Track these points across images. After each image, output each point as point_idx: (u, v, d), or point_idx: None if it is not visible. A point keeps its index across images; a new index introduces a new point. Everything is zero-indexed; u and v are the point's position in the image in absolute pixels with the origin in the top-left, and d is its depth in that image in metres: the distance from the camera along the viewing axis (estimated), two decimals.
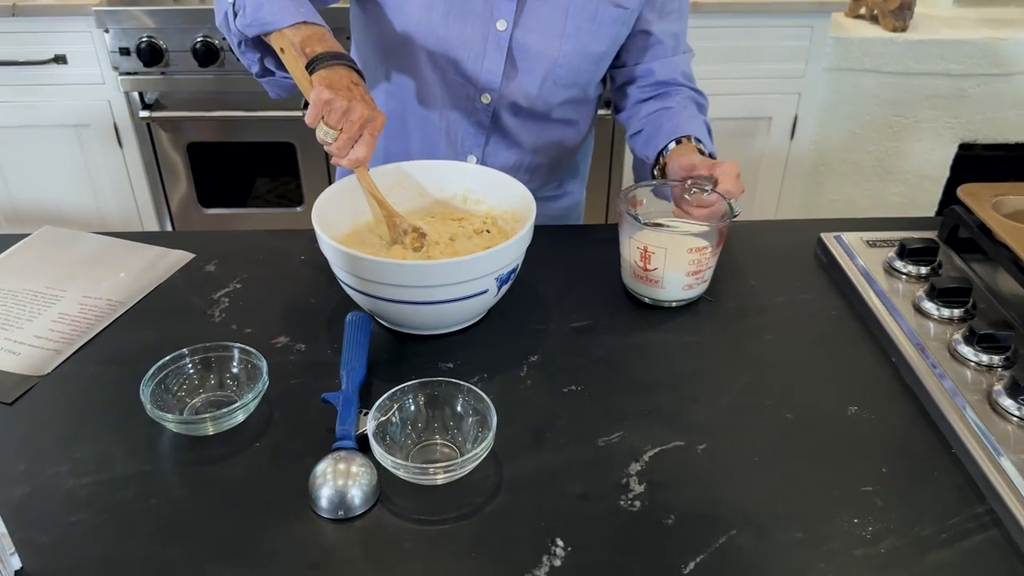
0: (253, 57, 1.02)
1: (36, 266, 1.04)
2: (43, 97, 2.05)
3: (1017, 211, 0.98)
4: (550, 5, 1.04)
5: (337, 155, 0.89)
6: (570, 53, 1.06)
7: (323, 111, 0.86)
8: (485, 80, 1.08)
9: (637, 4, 1.07)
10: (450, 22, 1.04)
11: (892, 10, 2.12)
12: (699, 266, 0.94)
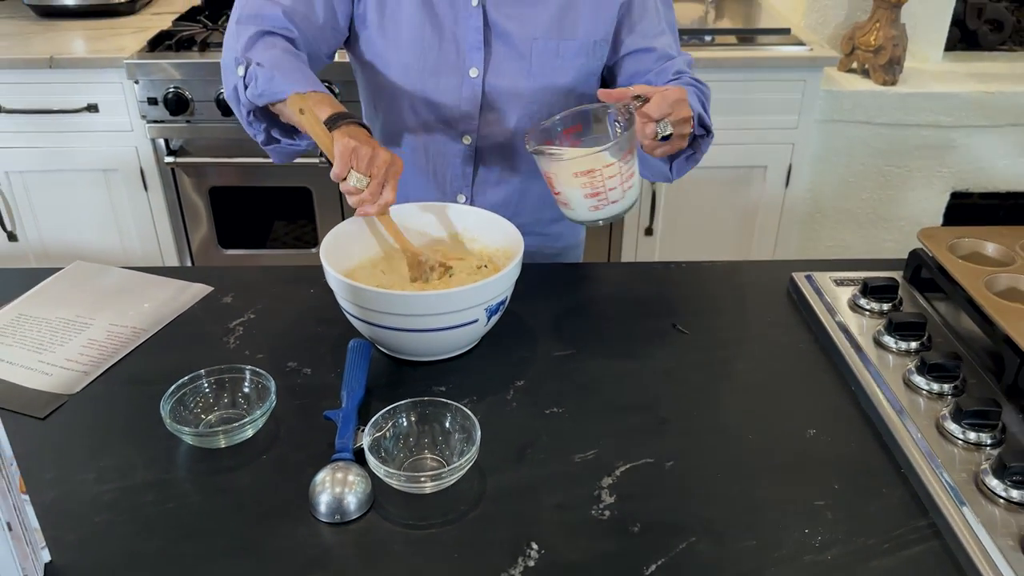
0: (260, 127, 1.12)
1: (68, 297, 1.14)
2: (75, 143, 2.17)
3: (972, 252, 1.06)
4: (515, 49, 1.14)
5: (369, 200, 0.97)
6: (538, 90, 1.15)
7: (351, 160, 0.95)
8: (464, 124, 1.18)
9: (601, 32, 1.15)
10: (427, 75, 1.14)
11: (882, 64, 2.22)
12: (594, 188, 0.99)
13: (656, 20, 1.18)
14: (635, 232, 2.33)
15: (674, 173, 1.13)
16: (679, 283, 1.19)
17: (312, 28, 1.13)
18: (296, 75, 1.04)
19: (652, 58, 1.16)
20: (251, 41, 1.09)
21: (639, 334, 1.07)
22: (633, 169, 1.00)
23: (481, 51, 1.14)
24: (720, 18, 2.43)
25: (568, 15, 1.14)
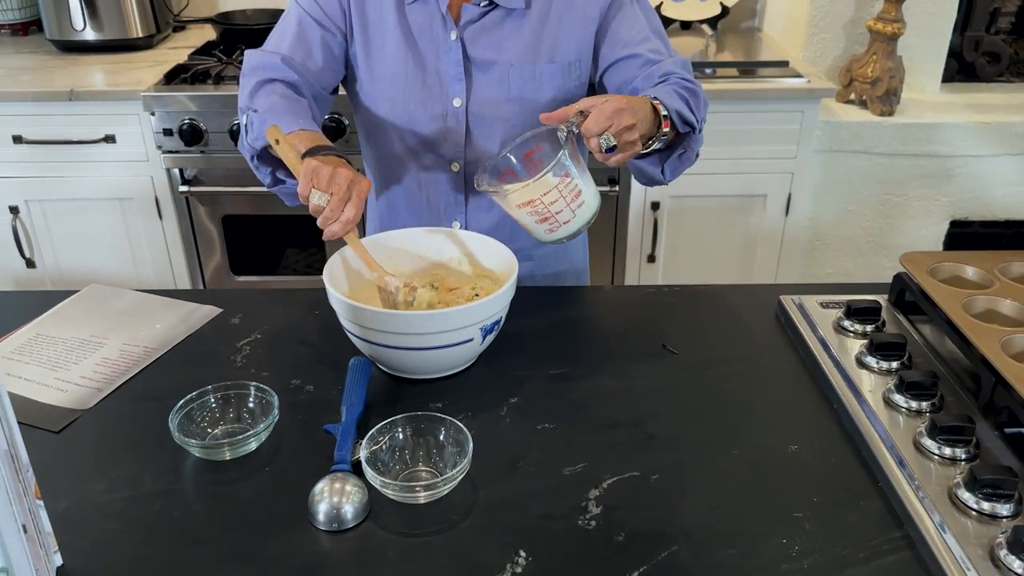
0: (266, 170, 1.18)
1: (83, 318, 1.19)
2: (92, 173, 2.24)
3: (953, 276, 1.09)
4: (493, 75, 1.19)
5: (331, 217, 1.00)
6: (519, 112, 1.20)
7: (312, 179, 1.00)
8: (452, 152, 1.23)
9: (575, 54, 1.20)
10: (413, 107, 1.20)
11: (879, 96, 2.26)
12: (541, 214, 1.03)
13: (638, 27, 1.21)
14: (638, 259, 2.37)
15: (667, 176, 1.16)
16: (671, 306, 1.23)
17: (312, 71, 1.21)
18: (287, 117, 1.11)
19: (637, 64, 1.19)
20: (254, 90, 1.17)
21: (631, 354, 1.10)
22: (578, 188, 1.03)
23: (463, 81, 1.20)
24: (721, 51, 2.49)
25: (542, 40, 1.19)
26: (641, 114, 1.03)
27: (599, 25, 1.21)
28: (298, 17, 1.22)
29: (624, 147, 1.00)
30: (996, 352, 0.92)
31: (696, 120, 1.12)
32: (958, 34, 2.53)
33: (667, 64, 1.18)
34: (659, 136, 1.07)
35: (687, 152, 1.14)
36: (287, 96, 1.16)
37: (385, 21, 1.20)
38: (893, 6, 2.22)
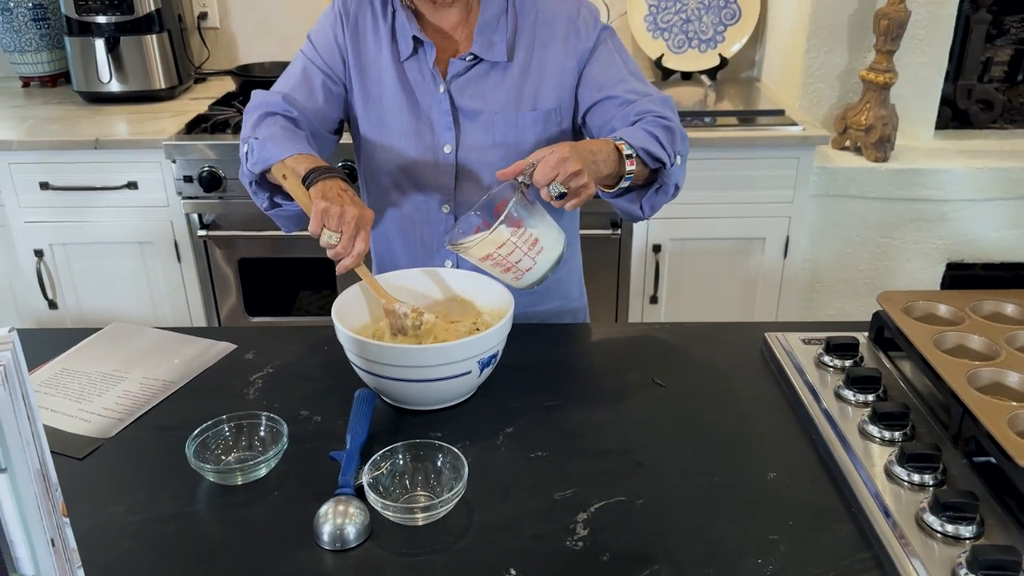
0: (263, 195, 1.27)
1: (106, 353, 1.26)
2: (115, 218, 2.34)
3: (927, 314, 1.15)
4: (479, 123, 1.28)
5: (342, 253, 1.09)
6: (504, 157, 1.28)
7: (323, 219, 1.08)
8: (443, 195, 1.32)
9: (554, 101, 1.29)
10: (409, 153, 1.29)
11: (873, 142, 2.34)
12: (502, 265, 1.09)
13: (614, 70, 1.29)
14: (641, 300, 2.43)
15: (646, 211, 1.22)
16: (662, 342, 1.29)
17: (312, 109, 1.31)
18: (286, 143, 1.20)
19: (615, 105, 1.26)
20: (256, 122, 1.26)
21: (621, 387, 1.16)
22: (534, 237, 1.08)
23: (452, 130, 1.29)
24: (721, 100, 2.58)
25: (524, 90, 1.28)
26: (599, 156, 1.09)
27: (578, 74, 1.29)
28: (303, 63, 1.33)
29: (576, 192, 1.06)
30: (962, 385, 0.97)
31: (668, 155, 1.17)
32: (951, 83, 2.61)
33: (643, 103, 1.24)
34: (626, 174, 1.13)
35: (664, 187, 1.20)
36: (286, 127, 1.26)
37: (383, 75, 1.30)
38: (884, 57, 2.30)
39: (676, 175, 1.21)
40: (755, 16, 2.66)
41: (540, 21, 1.29)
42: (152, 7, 2.52)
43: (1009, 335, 1.08)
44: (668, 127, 1.20)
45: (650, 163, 1.16)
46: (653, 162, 1.17)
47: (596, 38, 1.29)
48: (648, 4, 2.67)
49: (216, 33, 2.82)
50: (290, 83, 1.32)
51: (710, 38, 2.68)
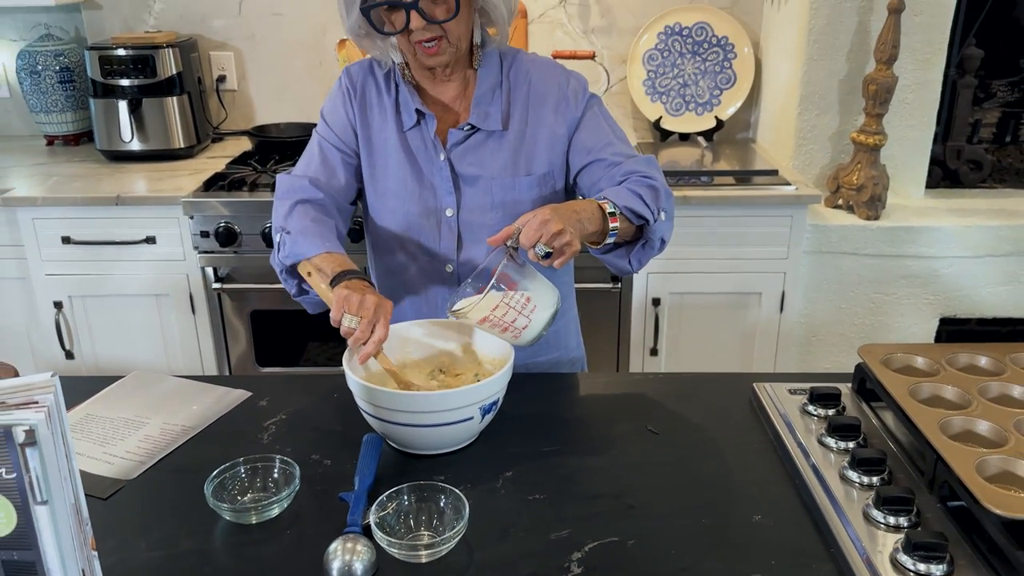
0: (292, 282, 1.35)
1: (128, 400, 1.33)
2: (132, 271, 2.42)
3: (905, 366, 1.22)
4: (479, 188, 1.37)
5: (361, 338, 1.16)
6: (502, 218, 1.36)
7: (344, 305, 1.16)
8: (445, 255, 1.40)
9: (547, 166, 1.37)
10: (412, 217, 1.38)
11: (864, 201, 2.42)
12: (499, 326, 1.16)
13: (601, 134, 1.37)
14: (641, 352, 2.50)
15: (634, 265, 1.29)
16: (655, 391, 1.35)
17: (336, 188, 1.40)
18: (316, 240, 1.29)
19: (602, 167, 1.35)
20: (288, 211, 1.35)
21: (616, 434, 1.23)
22: (526, 296, 1.15)
23: (453, 194, 1.37)
24: (717, 160, 2.67)
25: (520, 156, 1.37)
26: (584, 215, 1.17)
27: (568, 140, 1.38)
28: (319, 143, 1.43)
29: (561, 250, 1.12)
30: (935, 432, 1.03)
31: (651, 212, 1.24)
32: (940, 144, 2.71)
33: (628, 164, 1.32)
34: (609, 232, 1.21)
35: (649, 242, 1.27)
36: (317, 219, 1.34)
37: (388, 144, 1.39)
38: (874, 120, 2.40)
39: (661, 230, 1.28)
40: (750, 81, 2.77)
41: (533, 92, 1.39)
42: (173, 71, 2.65)
43: (981, 386, 1.14)
44: (652, 186, 1.27)
45: (634, 220, 1.24)
46: (637, 219, 1.24)
47: (584, 107, 1.39)
48: (647, 69, 2.79)
49: (234, 95, 2.94)
50: (312, 165, 1.41)
51: (706, 101, 2.79)
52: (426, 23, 1.25)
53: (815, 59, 2.45)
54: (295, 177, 1.40)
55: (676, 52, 2.77)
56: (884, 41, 2.31)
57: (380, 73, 1.42)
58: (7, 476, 0.74)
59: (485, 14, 1.34)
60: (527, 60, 1.42)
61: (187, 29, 2.86)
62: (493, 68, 1.39)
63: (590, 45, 2.83)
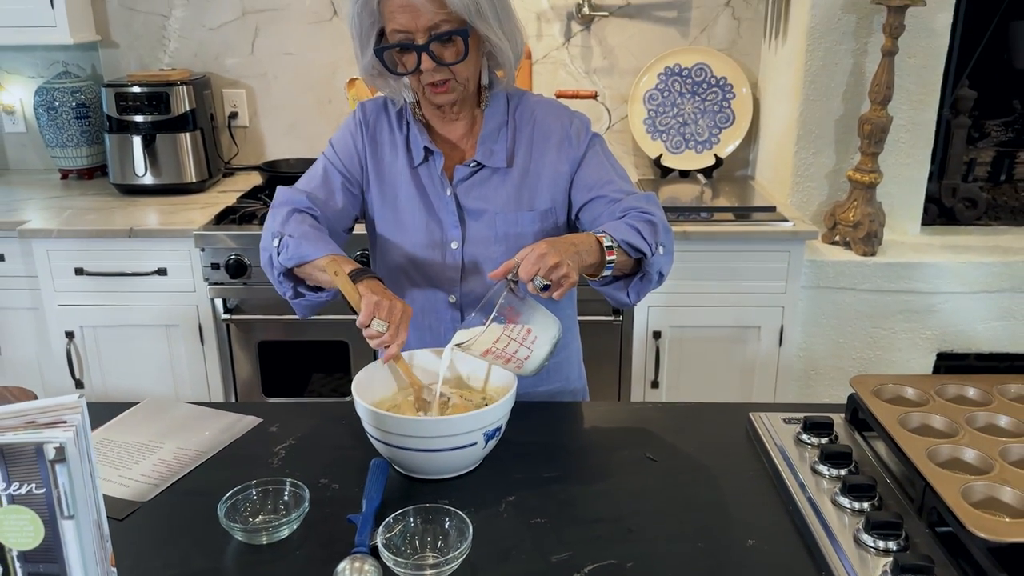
0: (288, 285, 1.40)
1: (143, 425, 1.37)
2: (144, 302, 2.47)
3: (895, 396, 1.26)
4: (483, 223, 1.42)
5: (389, 342, 1.22)
6: (505, 252, 1.40)
7: (375, 310, 1.21)
8: (449, 286, 1.45)
9: (549, 202, 1.42)
10: (419, 248, 1.43)
11: (861, 237, 2.47)
12: (502, 357, 1.20)
13: (602, 171, 1.43)
14: (642, 385, 2.53)
15: (632, 298, 1.33)
16: (655, 420, 1.39)
17: (331, 210, 1.45)
18: (319, 244, 1.34)
19: (603, 203, 1.40)
20: (285, 218, 1.40)
21: (616, 461, 1.26)
22: (528, 326, 1.19)
23: (459, 228, 1.43)
24: (716, 197, 2.73)
25: (523, 191, 1.42)
26: (582, 248, 1.21)
27: (570, 178, 1.44)
28: (324, 165, 1.48)
29: (559, 282, 1.16)
30: (923, 460, 1.07)
31: (649, 246, 1.28)
32: (936, 182, 2.77)
33: (628, 201, 1.37)
34: (607, 264, 1.25)
35: (647, 275, 1.31)
36: (315, 226, 1.40)
37: (398, 179, 1.45)
38: (869, 159, 2.46)
39: (659, 264, 1.32)
40: (748, 120, 2.84)
41: (537, 131, 1.45)
42: (187, 107, 2.72)
43: (969, 416, 1.18)
44: (651, 221, 1.32)
45: (632, 253, 1.28)
46: (635, 252, 1.29)
47: (586, 146, 1.45)
48: (647, 108, 2.86)
49: (245, 131, 3.02)
50: (312, 183, 1.47)
51: (706, 140, 2.86)
52: (436, 65, 1.31)
53: (811, 99, 2.52)
54: (295, 190, 1.45)
55: (676, 92, 2.85)
56: (878, 82, 2.38)
57: (393, 110, 1.48)
58: (37, 491, 0.79)
59: (493, 58, 1.40)
60: (533, 100, 1.48)
61: (201, 67, 2.95)
62: (500, 108, 1.45)
63: (592, 85, 2.91)
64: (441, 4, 1.26)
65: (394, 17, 1.29)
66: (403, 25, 1.28)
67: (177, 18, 2.92)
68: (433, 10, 1.26)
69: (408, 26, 1.28)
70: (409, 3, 1.26)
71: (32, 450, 0.78)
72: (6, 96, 3.01)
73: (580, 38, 2.88)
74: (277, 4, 2.89)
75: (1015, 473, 1.05)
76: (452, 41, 1.30)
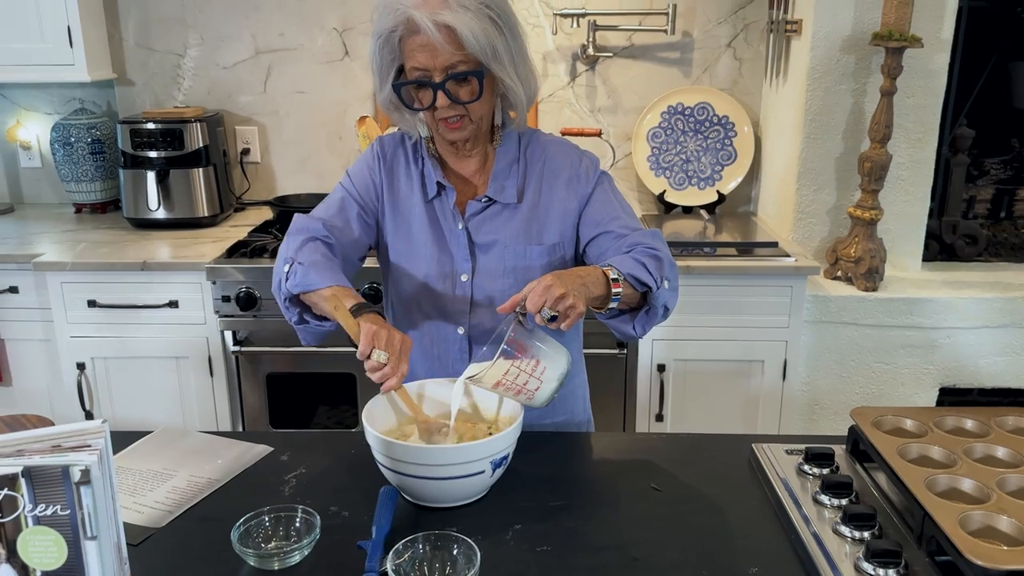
0: (294, 311, 1.43)
1: (157, 453, 1.40)
2: (155, 334, 2.51)
3: (895, 428, 1.28)
4: (492, 256, 1.46)
5: (390, 373, 1.25)
6: (513, 284, 1.44)
7: (374, 340, 1.24)
8: (458, 317, 1.48)
9: (557, 237, 1.46)
10: (430, 280, 1.47)
11: (862, 273, 2.51)
12: (513, 389, 1.22)
13: (609, 208, 1.47)
14: (647, 418, 2.55)
15: (637, 331, 1.36)
16: (659, 451, 1.41)
17: (346, 238, 1.49)
18: (327, 273, 1.37)
19: (610, 239, 1.44)
20: (300, 245, 1.44)
21: (621, 490, 1.29)
22: (536, 359, 1.22)
23: (469, 261, 1.47)
24: (719, 232, 2.77)
25: (532, 227, 1.46)
26: (588, 280, 1.25)
27: (578, 214, 1.48)
28: (342, 195, 1.53)
29: (566, 313, 1.19)
30: (921, 489, 1.09)
31: (654, 280, 1.32)
32: (936, 219, 2.81)
33: (635, 236, 1.41)
34: (612, 296, 1.28)
35: (652, 308, 1.35)
36: (326, 255, 1.43)
37: (412, 211, 1.49)
38: (870, 196, 2.50)
39: (664, 298, 1.35)
40: (750, 157, 2.89)
41: (547, 169, 1.49)
42: (200, 143, 2.78)
43: (967, 447, 1.20)
44: (656, 256, 1.36)
45: (637, 287, 1.32)
46: (640, 286, 1.32)
47: (595, 183, 1.49)
48: (651, 146, 2.92)
49: (257, 167, 3.08)
50: (329, 211, 1.52)
51: (708, 176, 2.91)
52: (451, 102, 1.36)
53: (812, 138, 2.57)
54: (311, 218, 1.50)
55: (679, 130, 2.90)
56: (877, 122, 2.43)
57: (409, 144, 1.54)
58: (62, 513, 0.82)
59: (506, 99, 1.45)
60: (544, 139, 1.54)
61: (214, 105, 3.02)
62: (511, 146, 1.50)
63: (596, 123, 2.97)
64: (459, 46, 1.32)
65: (414, 55, 1.34)
66: (422, 63, 1.34)
67: (192, 57, 2.99)
68: (451, 51, 1.32)
69: (427, 64, 1.33)
70: (429, 43, 1.31)
71: (58, 472, 0.81)
72: (23, 132, 3.08)
73: (585, 78, 2.95)
74: (290, 44, 2.96)
75: (1012, 503, 1.07)
76: (468, 81, 1.36)
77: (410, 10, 1.31)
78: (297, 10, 2.93)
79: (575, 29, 2.89)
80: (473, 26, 1.30)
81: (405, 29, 1.33)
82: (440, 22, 1.30)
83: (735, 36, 2.90)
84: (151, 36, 2.98)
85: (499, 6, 1.35)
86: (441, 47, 1.31)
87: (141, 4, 2.95)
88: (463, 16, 1.30)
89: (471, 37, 1.31)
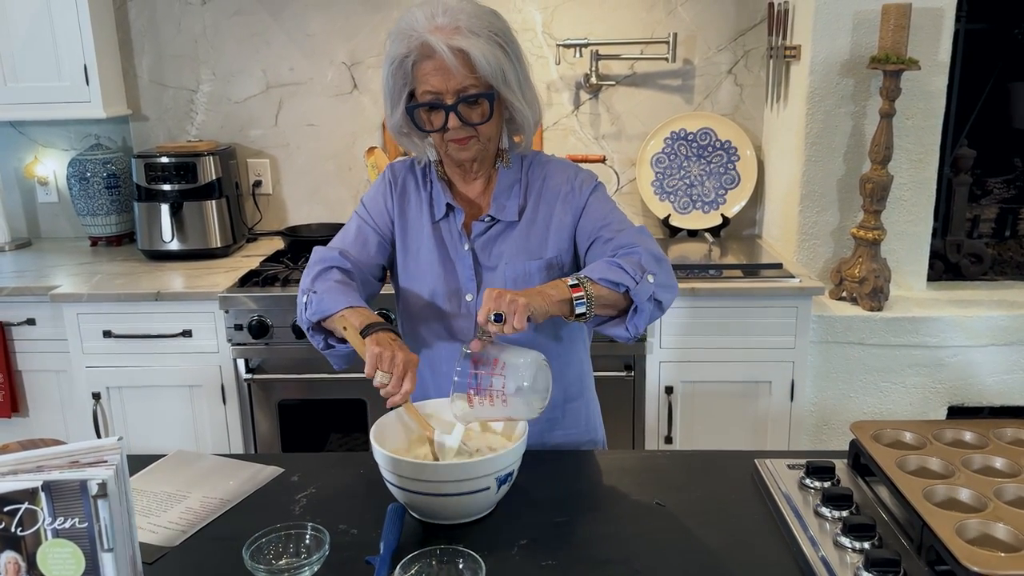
0: (319, 337, 1.48)
1: (170, 475, 1.43)
2: (169, 363, 2.55)
3: (895, 441, 1.30)
4: (495, 275, 1.50)
5: (393, 391, 1.28)
6: None
7: (376, 362, 1.28)
8: (464, 336, 1.51)
9: (555, 251, 1.50)
10: (437, 300, 1.51)
11: (867, 293, 2.52)
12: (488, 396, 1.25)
13: (598, 215, 1.50)
14: (656, 440, 2.56)
15: (630, 331, 1.38)
16: (664, 467, 1.43)
17: (364, 261, 1.55)
18: (340, 297, 1.42)
19: (599, 245, 1.47)
20: (316, 275, 1.50)
21: (626, 505, 1.31)
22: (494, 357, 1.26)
23: (473, 281, 1.51)
24: (725, 255, 2.80)
25: (530, 242, 1.51)
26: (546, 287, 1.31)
27: (574, 227, 1.52)
28: (357, 223, 1.59)
29: (510, 309, 1.22)
30: (919, 499, 1.11)
31: (632, 278, 1.34)
32: (940, 239, 2.83)
33: (620, 238, 1.45)
34: (576, 301, 1.30)
35: (638, 306, 1.35)
36: (340, 280, 1.48)
37: (422, 232, 1.54)
38: (872, 216, 2.53)
39: (647, 292, 1.35)
40: (753, 181, 2.93)
41: (546, 187, 1.54)
42: (213, 176, 2.84)
43: (965, 458, 1.22)
44: (633, 254, 1.38)
45: (612, 287, 1.34)
46: (614, 286, 1.34)
47: (588, 194, 1.53)
48: (655, 171, 2.96)
49: (268, 198, 3.13)
50: (347, 240, 1.57)
51: (712, 200, 2.94)
52: (462, 124, 1.41)
53: (814, 160, 2.61)
54: (328, 248, 1.56)
55: (682, 155, 2.94)
56: (878, 143, 2.46)
57: (419, 169, 1.59)
58: (80, 525, 0.85)
59: (512, 122, 1.50)
60: (544, 160, 1.59)
61: (227, 138, 3.08)
62: (514, 167, 1.56)
63: (601, 150, 3.01)
64: (472, 69, 1.37)
65: (427, 79, 1.40)
66: (434, 86, 1.39)
67: (204, 92, 3.06)
68: (464, 74, 1.38)
69: (439, 87, 1.39)
70: (443, 66, 1.37)
71: (76, 487, 0.84)
72: (41, 168, 3.15)
73: (589, 106, 3.00)
74: (300, 78, 3.03)
75: (1009, 511, 1.09)
76: (479, 103, 1.42)
77: (425, 35, 1.37)
78: (307, 45, 3.00)
79: (578, 59, 2.94)
80: (485, 51, 1.37)
81: (419, 54, 1.39)
82: (454, 46, 1.36)
83: (735, 63, 2.95)
84: (165, 72, 3.06)
85: (505, 33, 1.42)
86: (455, 70, 1.37)
87: (155, 42, 3.03)
88: (475, 41, 1.36)
89: (483, 61, 1.37)
